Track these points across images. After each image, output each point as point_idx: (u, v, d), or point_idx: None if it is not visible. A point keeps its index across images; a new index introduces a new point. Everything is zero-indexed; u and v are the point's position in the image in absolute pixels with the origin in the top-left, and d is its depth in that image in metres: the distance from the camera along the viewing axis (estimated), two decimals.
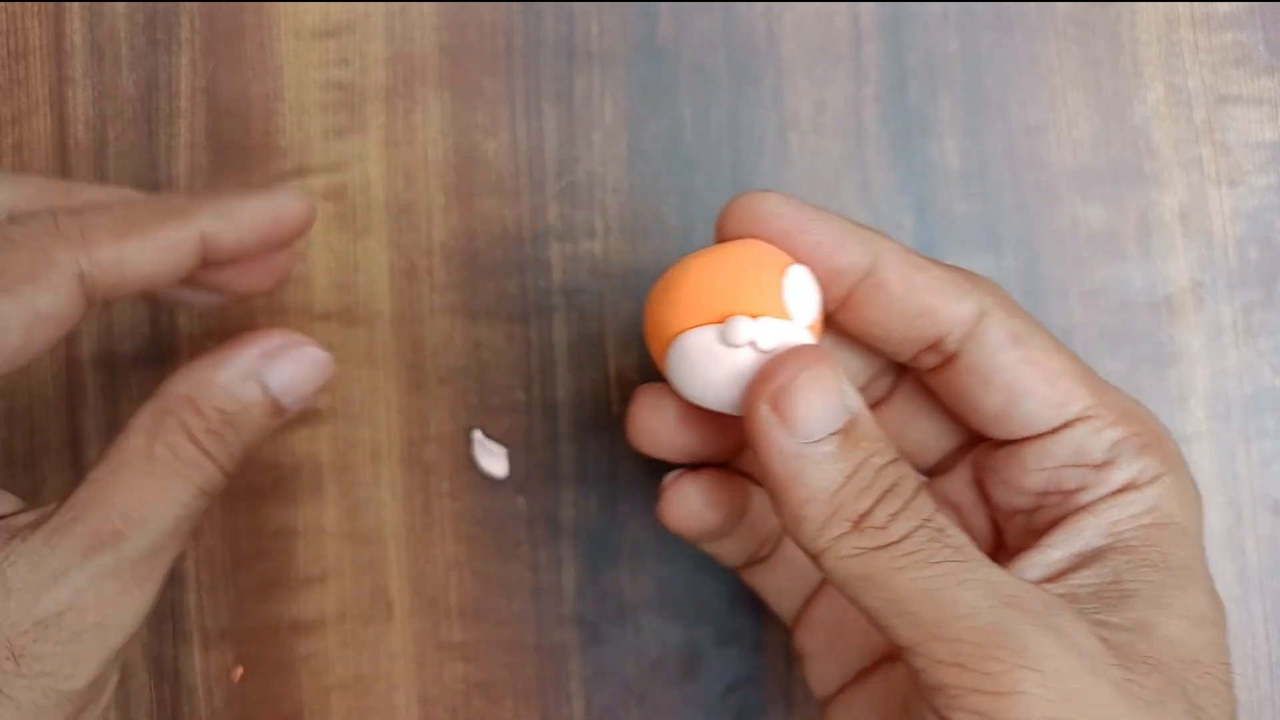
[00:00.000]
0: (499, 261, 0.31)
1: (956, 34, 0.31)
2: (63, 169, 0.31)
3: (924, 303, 0.23)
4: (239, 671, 0.30)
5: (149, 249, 0.22)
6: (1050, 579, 0.22)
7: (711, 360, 0.22)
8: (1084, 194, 0.31)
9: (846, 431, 0.21)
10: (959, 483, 0.26)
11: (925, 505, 0.21)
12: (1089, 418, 0.23)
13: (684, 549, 0.30)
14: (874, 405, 0.26)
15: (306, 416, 0.31)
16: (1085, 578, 0.22)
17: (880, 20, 0.31)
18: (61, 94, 0.31)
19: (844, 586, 0.21)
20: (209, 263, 0.23)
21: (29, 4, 0.31)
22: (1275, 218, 0.31)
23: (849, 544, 0.20)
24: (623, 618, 0.30)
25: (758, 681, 0.30)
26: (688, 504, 0.25)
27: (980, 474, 0.25)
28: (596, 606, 0.30)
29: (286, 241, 0.24)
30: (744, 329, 0.21)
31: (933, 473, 0.27)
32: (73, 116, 0.31)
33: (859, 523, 0.20)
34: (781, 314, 0.22)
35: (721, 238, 0.23)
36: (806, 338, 0.22)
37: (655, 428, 0.25)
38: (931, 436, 0.26)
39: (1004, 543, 0.25)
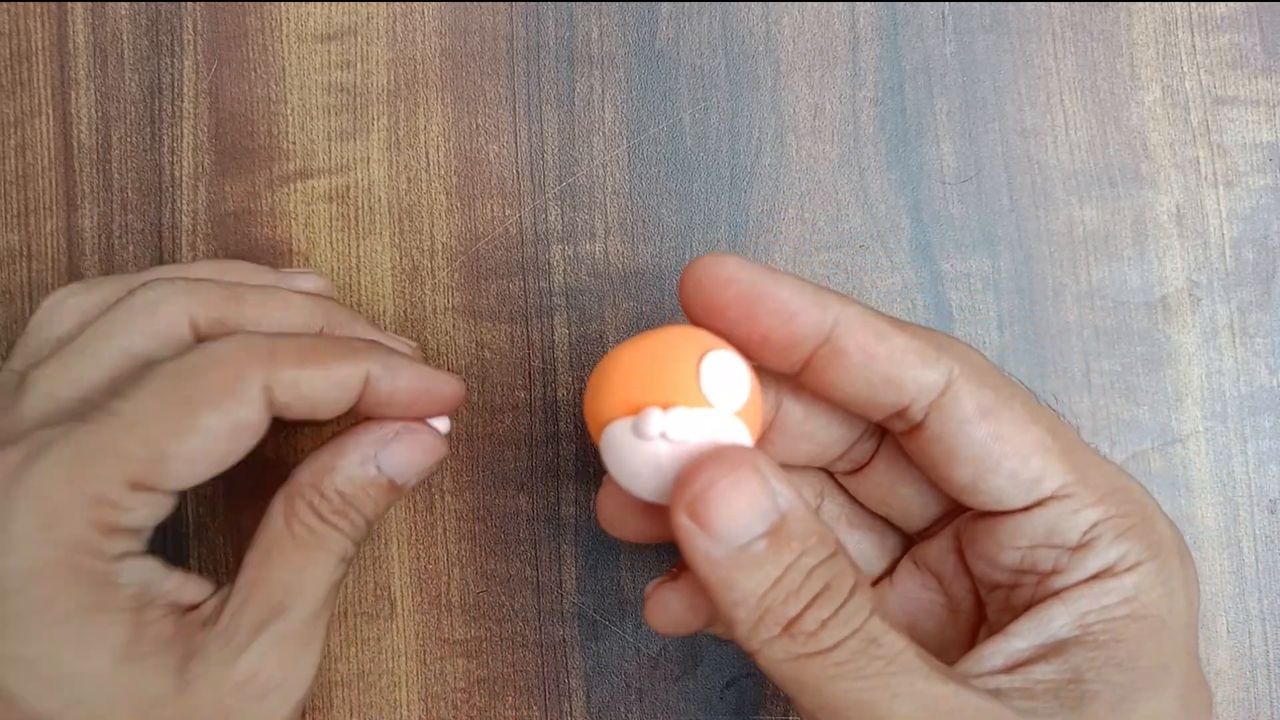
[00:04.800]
0: (501, 263, 0.31)
1: (953, 37, 0.31)
2: (66, 170, 0.31)
3: (885, 371, 0.22)
4: None
5: (321, 379, 0.24)
6: (1010, 669, 0.21)
7: (631, 453, 0.21)
8: (1080, 195, 0.31)
9: (775, 533, 0.20)
10: (942, 549, 0.25)
11: (860, 610, 0.20)
12: (1065, 496, 0.22)
13: None
14: (859, 467, 0.26)
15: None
16: (1044, 673, 0.21)
17: (877, 23, 0.31)
18: (65, 95, 0.31)
19: (779, 685, 0.20)
20: (358, 406, 0.25)
21: (32, 5, 0.32)
22: (1271, 218, 0.31)
23: (780, 648, 0.20)
24: (623, 614, 0.31)
25: (756, 676, 0.31)
26: (670, 611, 0.25)
27: (961, 543, 0.24)
28: (597, 603, 0.31)
29: (428, 413, 0.26)
30: (654, 422, 0.21)
31: (921, 536, 0.26)
32: (76, 118, 0.31)
33: (789, 627, 0.20)
34: (699, 402, 0.21)
35: (683, 301, 0.23)
36: (731, 425, 0.21)
37: (620, 516, 0.24)
38: (916, 502, 0.25)
39: (986, 616, 0.24)
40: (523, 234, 0.31)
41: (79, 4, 0.32)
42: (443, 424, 0.27)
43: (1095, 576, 0.21)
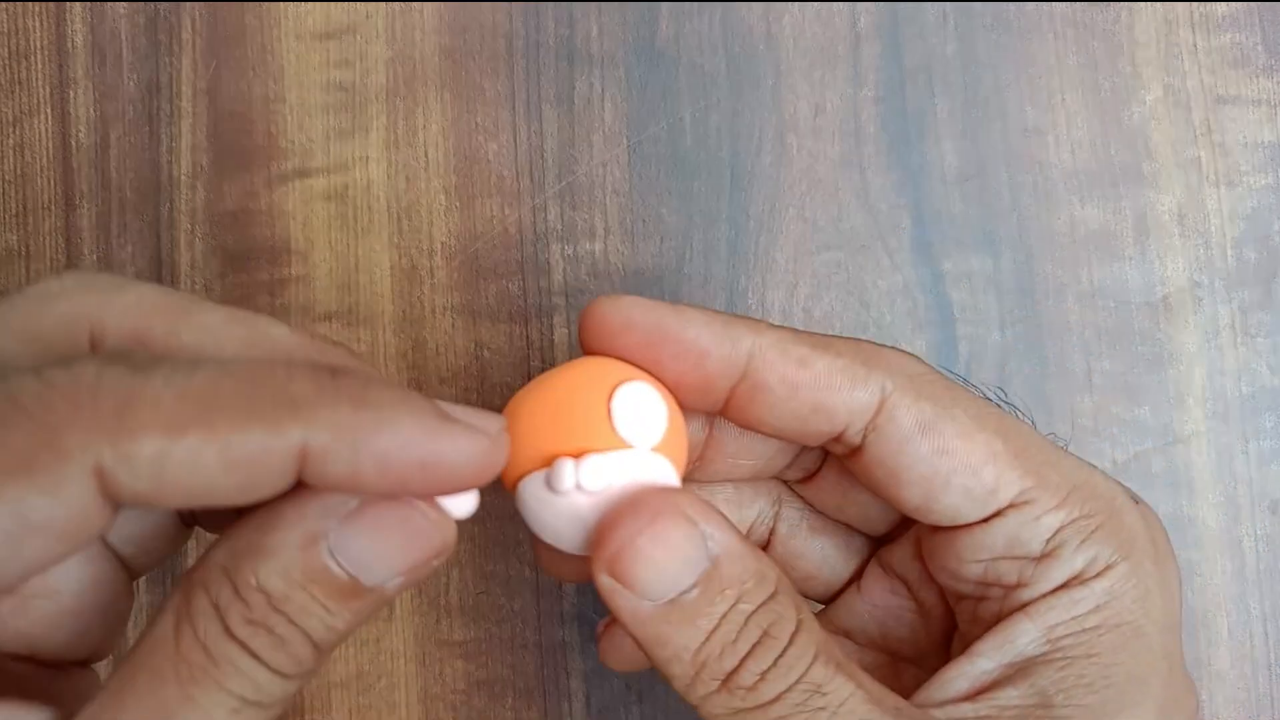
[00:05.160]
0: (500, 262, 0.31)
1: (955, 36, 0.31)
2: (64, 170, 0.31)
3: (811, 399, 0.20)
4: None
5: (210, 456, 0.15)
6: (975, 694, 0.20)
7: (549, 509, 0.19)
8: (1082, 195, 0.31)
9: (706, 581, 0.19)
10: (905, 555, 0.24)
11: (802, 657, 0.19)
12: (1023, 504, 0.20)
13: None
14: (808, 477, 0.25)
15: None
16: (1010, 697, 0.20)
17: (878, 22, 0.31)
18: (63, 95, 0.31)
19: None
20: (312, 485, 0.16)
21: (30, 5, 0.32)
22: (1272, 218, 0.31)
23: (720, 704, 0.19)
24: None
25: None
26: (622, 649, 0.24)
27: (922, 552, 0.23)
28: (596, 604, 0.31)
29: (434, 492, 0.18)
30: (567, 475, 0.19)
31: (886, 539, 0.25)
32: (74, 117, 0.31)
33: (727, 682, 0.19)
34: (614, 443, 0.19)
35: (584, 351, 0.21)
36: (651, 463, 0.20)
37: (557, 563, 0.23)
38: (872, 507, 0.24)
39: (958, 624, 0.23)
40: (522, 233, 0.31)
41: (77, 3, 0.31)
42: (463, 503, 0.19)
43: (1063, 586, 0.20)
